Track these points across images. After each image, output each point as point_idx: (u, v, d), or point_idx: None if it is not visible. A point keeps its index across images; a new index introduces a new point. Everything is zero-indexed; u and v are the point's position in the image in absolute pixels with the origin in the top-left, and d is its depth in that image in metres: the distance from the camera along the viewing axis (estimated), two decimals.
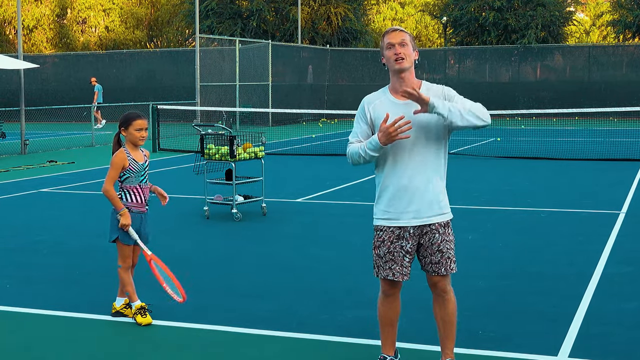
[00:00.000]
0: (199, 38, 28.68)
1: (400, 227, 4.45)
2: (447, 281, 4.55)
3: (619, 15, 39.52)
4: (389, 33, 4.42)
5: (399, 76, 4.41)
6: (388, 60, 4.41)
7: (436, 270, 4.49)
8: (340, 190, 12.85)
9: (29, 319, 5.97)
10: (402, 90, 4.27)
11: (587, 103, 34.44)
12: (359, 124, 4.56)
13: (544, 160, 17.29)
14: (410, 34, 4.45)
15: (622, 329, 5.57)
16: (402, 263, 4.47)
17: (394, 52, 4.36)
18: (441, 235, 4.47)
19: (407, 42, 4.37)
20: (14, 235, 9.32)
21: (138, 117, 5.83)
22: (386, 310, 4.63)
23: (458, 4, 40.94)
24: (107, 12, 51.51)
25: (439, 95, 4.41)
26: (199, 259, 8.00)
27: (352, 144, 4.57)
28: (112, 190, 5.77)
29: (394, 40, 4.37)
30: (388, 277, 4.50)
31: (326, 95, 37.35)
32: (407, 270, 4.50)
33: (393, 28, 4.45)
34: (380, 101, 4.48)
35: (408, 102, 4.37)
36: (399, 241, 4.46)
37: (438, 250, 4.47)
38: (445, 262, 4.49)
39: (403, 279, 4.50)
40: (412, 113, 4.34)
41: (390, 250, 4.47)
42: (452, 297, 4.60)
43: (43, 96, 36.90)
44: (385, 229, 4.49)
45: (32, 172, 15.93)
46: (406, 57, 4.36)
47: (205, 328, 5.65)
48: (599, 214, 10.41)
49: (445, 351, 4.66)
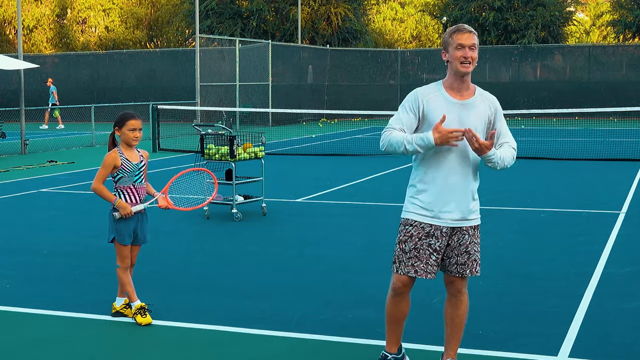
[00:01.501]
0: (199, 38, 28.68)
1: (432, 225, 4.39)
2: (465, 283, 4.55)
3: (619, 15, 39.51)
4: (462, 32, 4.32)
5: (461, 78, 4.39)
6: (454, 60, 4.33)
7: (461, 272, 4.47)
8: (340, 190, 12.85)
9: (29, 319, 5.97)
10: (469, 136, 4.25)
11: (587, 103, 34.45)
12: (406, 112, 4.40)
13: (543, 160, 17.28)
14: (477, 34, 4.40)
15: (622, 329, 5.57)
16: (428, 261, 4.40)
17: (464, 54, 4.30)
18: (470, 237, 4.46)
19: (476, 46, 4.34)
20: (14, 235, 9.32)
21: (132, 117, 5.83)
22: (394, 308, 4.57)
23: (458, 4, 40.93)
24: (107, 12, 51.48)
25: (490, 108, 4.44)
26: (199, 259, 8.00)
27: (394, 131, 4.37)
28: (101, 186, 5.77)
29: (465, 42, 4.31)
30: (409, 273, 4.41)
31: (326, 95, 37.34)
32: (433, 269, 4.42)
33: (465, 28, 4.35)
34: (435, 96, 4.40)
35: (464, 102, 4.37)
36: (428, 238, 4.40)
37: (466, 251, 4.45)
38: (472, 265, 4.48)
39: (427, 276, 4.42)
40: (466, 113, 4.35)
41: (417, 246, 4.40)
42: (466, 299, 4.59)
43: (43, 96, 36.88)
44: (416, 224, 4.42)
45: (32, 172, 15.93)
46: (473, 61, 4.33)
47: (205, 328, 5.65)
48: (599, 214, 10.41)
49: (449, 352, 4.65)
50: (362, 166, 16.33)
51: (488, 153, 4.29)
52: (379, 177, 14.66)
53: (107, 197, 5.78)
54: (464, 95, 4.40)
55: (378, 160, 17.01)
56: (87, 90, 38.62)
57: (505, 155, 4.43)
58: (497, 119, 4.49)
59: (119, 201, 5.75)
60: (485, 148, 4.27)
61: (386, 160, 16.98)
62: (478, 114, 4.39)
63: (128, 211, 5.75)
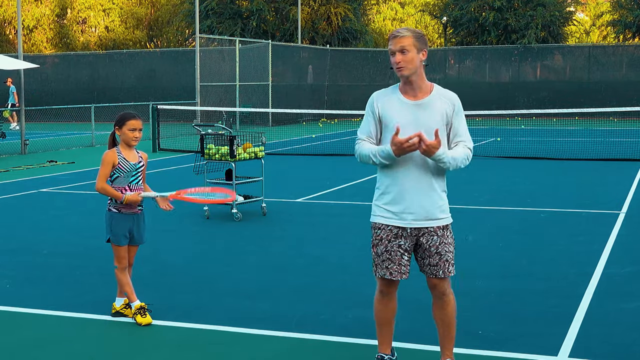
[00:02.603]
0: (199, 38, 28.68)
1: (398, 227, 4.44)
2: (447, 283, 4.54)
3: (619, 15, 39.52)
4: (391, 39, 4.36)
5: (406, 80, 4.40)
6: (392, 66, 4.40)
7: (434, 273, 4.49)
8: (340, 190, 12.85)
9: (29, 319, 5.97)
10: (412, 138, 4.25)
11: (587, 103, 34.44)
12: (367, 119, 4.51)
13: (543, 160, 17.29)
14: (416, 34, 4.36)
15: (622, 329, 5.57)
16: (400, 262, 4.47)
17: (394, 60, 4.34)
18: (440, 237, 4.45)
19: (408, 48, 4.31)
20: (14, 235, 9.32)
21: (132, 117, 5.82)
22: (382, 309, 4.64)
23: (458, 4, 40.93)
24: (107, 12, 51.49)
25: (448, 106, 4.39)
26: (199, 259, 8.00)
27: (363, 142, 4.48)
28: (105, 186, 5.76)
29: (394, 48, 4.34)
30: (385, 276, 4.50)
31: (326, 95, 37.35)
32: (406, 268, 4.49)
33: (394, 33, 4.37)
34: (389, 99, 4.44)
35: (418, 103, 4.38)
36: (397, 240, 4.45)
37: (436, 252, 4.45)
38: (444, 265, 4.47)
39: (401, 277, 4.49)
40: (422, 113, 4.35)
41: (388, 249, 4.47)
42: (452, 298, 4.59)
43: (43, 96, 36.89)
44: (384, 227, 4.48)
45: (32, 172, 15.93)
46: (407, 64, 4.32)
47: (205, 328, 5.65)
48: (599, 214, 10.41)
49: (445, 352, 4.66)
50: (362, 166, 16.31)
51: (437, 153, 4.27)
52: None
53: (114, 195, 5.76)
54: (418, 96, 4.41)
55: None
56: (87, 90, 38.62)
57: (457, 155, 4.38)
58: (455, 117, 4.43)
59: (127, 197, 5.73)
60: (432, 148, 4.25)
61: None
62: (434, 113, 4.38)
63: (137, 200, 5.74)
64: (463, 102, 4.61)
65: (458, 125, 4.45)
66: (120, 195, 5.74)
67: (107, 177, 5.79)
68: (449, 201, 4.55)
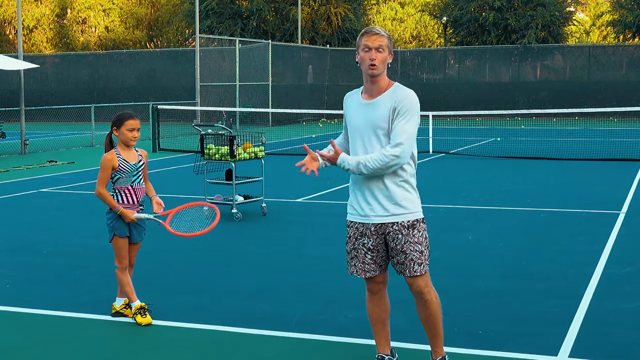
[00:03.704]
0: (199, 38, 28.69)
1: (362, 224, 4.48)
2: (422, 282, 4.45)
3: (619, 15, 39.53)
4: (368, 35, 4.34)
5: (370, 79, 4.42)
6: (362, 62, 4.37)
7: (401, 271, 4.48)
8: (340, 190, 12.84)
9: (29, 319, 5.97)
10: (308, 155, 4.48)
11: (587, 103, 34.46)
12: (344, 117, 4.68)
13: (544, 160, 17.28)
14: (389, 36, 4.38)
15: (622, 329, 5.57)
16: (364, 260, 4.50)
17: (370, 56, 4.32)
18: (404, 236, 4.41)
19: (383, 48, 4.32)
20: (14, 235, 9.32)
21: (130, 117, 5.82)
22: (374, 308, 4.66)
23: (458, 4, 40.94)
24: (107, 12, 51.51)
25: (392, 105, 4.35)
26: (199, 259, 8.00)
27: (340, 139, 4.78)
28: (104, 192, 5.77)
29: (371, 45, 4.32)
30: (353, 273, 4.58)
31: (326, 95, 37.35)
32: (370, 267, 4.51)
33: (372, 30, 4.36)
34: (352, 99, 4.56)
35: (369, 102, 4.42)
36: (362, 238, 4.50)
37: (402, 251, 4.43)
38: (409, 264, 4.42)
39: (365, 275, 4.53)
40: (372, 113, 4.40)
41: (355, 246, 4.53)
42: (432, 298, 4.50)
43: (43, 96, 36.89)
44: (352, 224, 4.55)
45: (32, 172, 15.93)
46: (380, 64, 4.33)
47: (205, 328, 5.65)
48: (599, 214, 10.41)
49: (435, 349, 4.65)
50: None
51: (337, 162, 4.37)
52: None
53: (111, 204, 5.77)
54: (372, 95, 4.44)
55: None
56: (87, 90, 38.63)
57: (369, 160, 4.30)
58: (398, 115, 4.33)
59: (121, 209, 5.74)
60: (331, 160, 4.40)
61: None
62: (382, 112, 4.38)
63: (130, 219, 5.75)
64: (463, 102, 4.62)
65: (395, 125, 4.34)
66: (116, 205, 5.75)
67: (106, 182, 5.79)
68: (448, 201, 4.55)
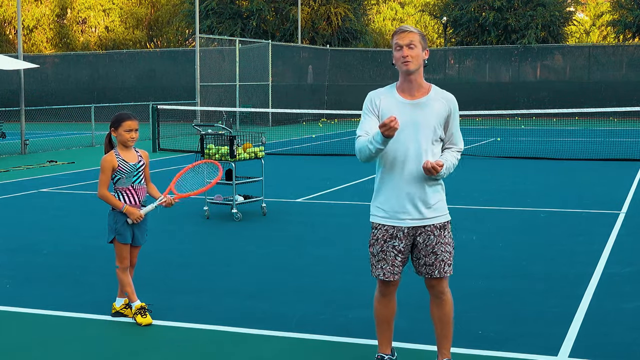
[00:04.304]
0: (199, 38, 28.69)
1: (394, 227, 4.44)
2: (445, 283, 4.54)
3: (619, 15, 39.53)
4: (398, 34, 4.36)
5: (407, 78, 4.39)
6: (396, 61, 4.38)
7: (430, 272, 4.48)
8: (340, 190, 12.85)
9: (29, 319, 5.97)
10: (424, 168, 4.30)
11: (587, 103, 34.46)
12: (367, 116, 4.46)
13: (544, 160, 17.29)
14: (420, 32, 4.39)
15: (622, 329, 5.57)
16: (394, 262, 4.46)
17: (402, 54, 4.33)
18: (436, 237, 4.44)
19: (415, 44, 4.32)
20: (14, 235, 9.32)
21: (128, 117, 5.82)
22: (382, 309, 4.64)
23: (458, 4, 40.94)
24: (107, 12, 51.51)
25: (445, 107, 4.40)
26: (199, 259, 8.00)
27: (361, 138, 4.43)
28: (106, 193, 5.77)
29: (402, 42, 4.33)
30: (379, 276, 4.51)
31: (326, 95, 37.35)
32: (398, 269, 4.49)
33: (402, 28, 4.38)
34: (386, 98, 4.44)
35: (415, 102, 4.38)
36: (392, 240, 4.44)
37: (432, 252, 4.44)
38: (439, 265, 4.46)
39: (393, 278, 4.49)
40: (419, 112, 4.36)
41: (383, 249, 4.47)
42: (449, 298, 4.59)
43: (43, 96, 36.90)
44: (380, 227, 4.48)
45: (32, 172, 15.93)
46: (413, 59, 4.32)
47: (205, 328, 5.65)
48: (599, 214, 10.41)
49: (442, 351, 4.66)
50: (362, 166, 16.32)
51: (439, 172, 4.31)
52: None
53: (115, 204, 5.77)
54: (415, 95, 4.41)
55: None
56: (87, 90, 38.63)
57: (450, 166, 4.47)
58: (451, 119, 4.45)
59: (127, 207, 5.74)
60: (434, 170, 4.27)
61: None
62: (431, 112, 4.38)
63: (137, 215, 5.75)
64: (463, 102, 4.63)
65: (453, 127, 4.47)
66: (120, 205, 5.76)
67: (107, 183, 5.79)
68: (448, 201, 4.55)
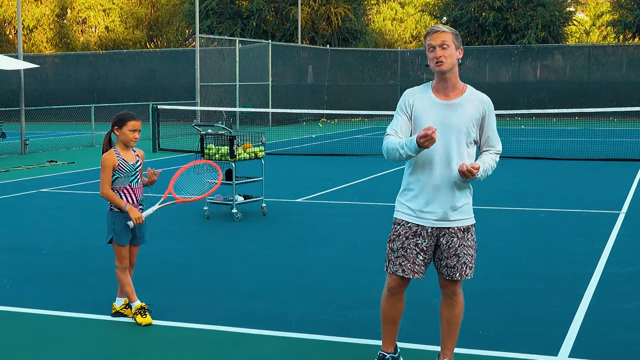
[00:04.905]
0: (199, 38, 28.69)
1: (418, 225, 4.42)
2: (459, 284, 4.55)
3: (619, 15, 39.51)
4: (430, 34, 4.35)
5: (442, 77, 4.38)
6: (430, 62, 4.37)
7: (450, 275, 4.47)
8: (340, 190, 12.85)
9: (29, 319, 5.97)
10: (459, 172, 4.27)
11: (587, 103, 34.45)
12: (399, 115, 4.45)
13: (544, 160, 17.29)
14: (453, 31, 4.37)
15: (622, 329, 5.57)
16: (415, 261, 4.43)
17: (435, 55, 4.31)
18: (460, 239, 4.43)
19: (448, 43, 4.30)
20: (14, 235, 9.32)
21: (133, 117, 5.83)
22: (389, 308, 4.60)
23: (458, 4, 40.92)
24: (107, 12, 51.48)
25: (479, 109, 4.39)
26: (199, 259, 8.00)
27: (390, 137, 4.41)
28: (109, 192, 5.77)
29: (434, 42, 4.31)
30: (397, 272, 4.46)
31: (326, 95, 37.34)
32: (420, 268, 4.45)
33: (434, 28, 4.36)
34: (421, 97, 4.43)
35: (449, 103, 4.37)
36: (415, 238, 4.43)
37: (455, 254, 4.44)
38: (461, 267, 4.46)
39: (414, 276, 4.44)
40: (451, 114, 4.35)
41: (404, 245, 4.44)
42: (461, 299, 4.59)
43: (43, 96, 36.89)
44: (404, 223, 4.46)
45: (32, 172, 15.93)
46: (447, 59, 4.31)
47: (205, 328, 5.65)
48: (599, 214, 10.41)
49: (445, 351, 4.66)
50: (362, 166, 16.33)
51: (476, 175, 4.29)
52: (379, 177, 14.67)
53: (118, 203, 5.78)
54: (449, 96, 4.40)
55: (378, 161, 17.00)
56: (87, 90, 38.62)
57: (488, 168, 4.46)
58: (486, 121, 4.45)
59: (129, 207, 5.75)
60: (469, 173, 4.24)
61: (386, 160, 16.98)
62: (464, 114, 4.37)
63: (138, 216, 5.75)
64: None
65: (489, 129, 4.47)
66: (123, 204, 5.76)
67: (110, 182, 5.79)
68: None
